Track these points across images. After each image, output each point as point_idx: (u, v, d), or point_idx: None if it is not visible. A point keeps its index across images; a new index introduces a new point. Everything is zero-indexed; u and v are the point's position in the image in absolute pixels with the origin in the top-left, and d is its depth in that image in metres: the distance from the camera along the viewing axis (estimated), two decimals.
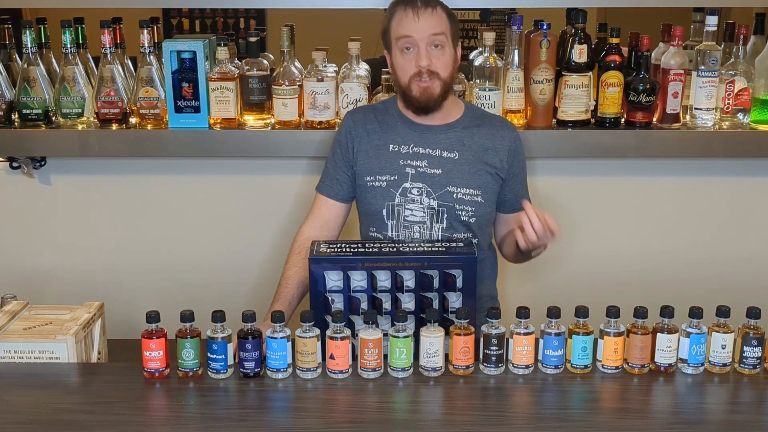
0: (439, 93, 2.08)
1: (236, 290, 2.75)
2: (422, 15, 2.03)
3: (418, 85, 2.07)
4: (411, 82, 2.07)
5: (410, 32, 2.04)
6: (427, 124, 2.16)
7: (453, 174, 2.13)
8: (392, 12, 2.09)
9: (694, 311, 1.84)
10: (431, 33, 2.04)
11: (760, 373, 1.87)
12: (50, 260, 2.75)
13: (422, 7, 2.04)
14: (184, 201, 2.73)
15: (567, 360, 1.87)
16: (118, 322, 2.24)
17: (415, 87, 2.08)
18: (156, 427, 1.72)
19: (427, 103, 2.09)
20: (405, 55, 2.07)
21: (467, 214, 2.13)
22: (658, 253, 2.75)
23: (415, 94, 2.08)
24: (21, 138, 2.53)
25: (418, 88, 2.08)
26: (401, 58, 2.08)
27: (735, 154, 2.56)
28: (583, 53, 2.44)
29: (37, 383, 1.83)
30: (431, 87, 2.07)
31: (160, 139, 2.51)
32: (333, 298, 1.94)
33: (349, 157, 2.19)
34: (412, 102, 2.11)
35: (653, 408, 1.78)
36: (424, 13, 2.04)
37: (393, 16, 2.08)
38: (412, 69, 2.06)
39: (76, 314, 1.98)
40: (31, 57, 2.47)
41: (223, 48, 2.44)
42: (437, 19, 2.05)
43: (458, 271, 1.91)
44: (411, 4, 2.05)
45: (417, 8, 2.04)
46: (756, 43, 2.56)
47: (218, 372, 1.84)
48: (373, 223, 2.18)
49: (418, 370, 1.85)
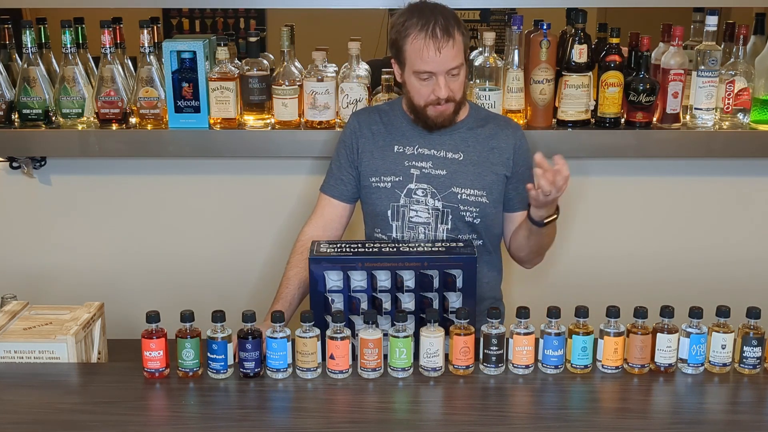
0: (453, 112, 2.10)
1: (236, 290, 2.75)
2: (443, 49, 1.99)
3: (435, 109, 2.07)
4: (427, 107, 2.08)
5: (430, 68, 2.01)
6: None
7: (458, 175, 2.13)
8: (407, 32, 2.02)
9: (694, 311, 1.84)
10: (451, 67, 2.02)
11: (760, 373, 1.87)
12: (50, 260, 2.75)
13: (443, 38, 1.98)
14: (184, 201, 2.73)
15: (567, 360, 1.87)
16: (118, 322, 2.24)
17: (432, 111, 2.08)
18: (156, 427, 1.72)
19: (443, 124, 2.11)
20: (422, 83, 2.05)
21: (472, 215, 2.13)
22: (658, 253, 2.75)
23: (431, 116, 2.09)
24: (21, 138, 2.53)
25: (434, 112, 2.08)
26: (417, 84, 2.06)
27: (735, 154, 2.56)
28: (583, 53, 2.44)
29: (37, 383, 1.83)
30: (447, 110, 2.08)
31: (160, 139, 2.51)
32: (333, 298, 1.94)
33: (353, 158, 2.19)
34: (426, 122, 2.11)
35: (653, 408, 1.78)
36: (445, 46, 1.99)
37: (408, 39, 2.02)
38: (428, 95, 2.05)
39: (76, 314, 1.98)
40: (31, 57, 2.47)
41: (223, 48, 2.44)
42: (456, 51, 2.01)
43: (458, 271, 1.91)
44: (431, 35, 1.98)
45: (437, 41, 1.98)
46: (756, 43, 2.56)
47: (218, 372, 1.84)
48: (378, 224, 2.18)
49: (418, 370, 1.85)
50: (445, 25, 2.00)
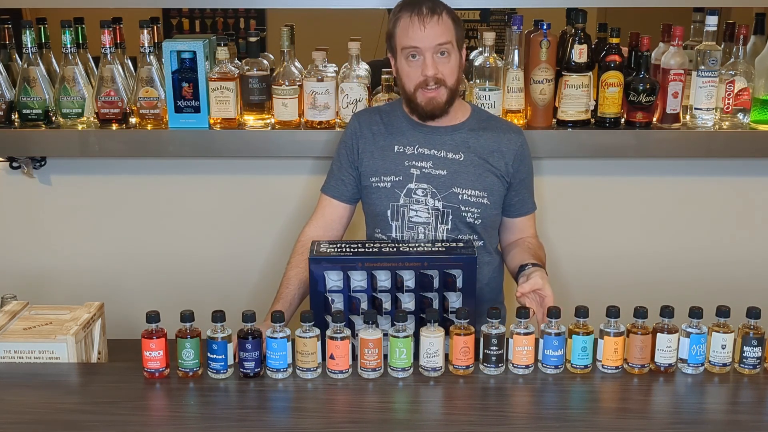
0: (446, 100, 2.08)
1: (236, 290, 2.75)
2: (428, 24, 2.01)
3: (423, 93, 2.07)
4: (417, 91, 2.07)
5: (416, 42, 2.02)
6: (432, 125, 2.15)
7: (458, 175, 2.13)
8: (397, 18, 2.07)
9: (694, 311, 1.84)
10: (437, 42, 2.02)
11: (760, 373, 1.87)
12: (50, 260, 2.75)
13: (428, 14, 2.01)
14: (184, 201, 2.73)
15: (567, 360, 1.87)
16: (118, 322, 2.24)
17: (421, 95, 2.07)
18: (156, 427, 1.72)
19: (433, 112, 2.10)
20: (410, 63, 2.06)
21: (473, 216, 2.13)
22: (658, 253, 2.75)
23: (421, 103, 2.08)
24: (21, 138, 2.53)
25: (423, 97, 2.07)
26: (407, 66, 2.07)
27: (735, 154, 2.56)
28: (583, 53, 2.44)
29: (37, 383, 1.83)
30: (437, 96, 2.07)
31: (160, 139, 2.51)
32: (333, 298, 1.94)
33: (354, 159, 2.19)
34: (417, 109, 2.11)
35: (653, 408, 1.78)
36: (430, 21, 2.01)
37: (398, 22, 2.06)
38: (417, 77, 2.05)
39: (76, 314, 1.98)
40: (31, 57, 2.47)
41: (223, 48, 2.44)
42: (443, 27, 2.03)
43: (458, 271, 1.91)
44: (417, 12, 2.02)
45: (423, 16, 2.01)
46: (756, 43, 2.56)
47: (218, 372, 1.84)
48: (378, 224, 2.18)
49: (418, 370, 1.85)
50: (433, 6, 2.03)
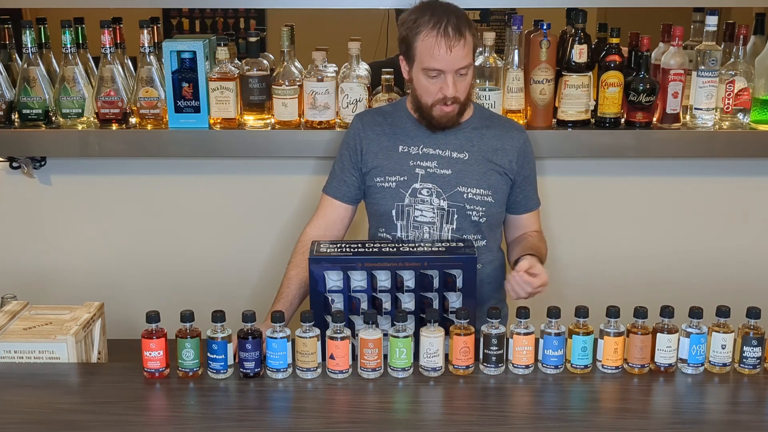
0: (457, 114, 2.10)
1: (236, 290, 2.75)
2: (454, 48, 1.99)
3: (441, 109, 2.08)
4: (434, 106, 2.08)
5: (440, 66, 2.01)
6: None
7: (463, 174, 2.13)
8: (418, 29, 2.02)
9: (694, 311, 1.84)
10: (460, 66, 2.02)
11: (760, 373, 1.87)
12: (50, 260, 2.75)
13: (454, 37, 1.99)
14: (184, 201, 2.73)
15: (567, 360, 1.87)
16: (118, 322, 2.24)
17: (438, 111, 2.08)
18: (156, 427, 1.72)
19: (446, 125, 2.11)
20: (430, 80, 2.05)
21: (478, 215, 2.13)
22: (658, 253, 2.75)
23: (436, 116, 2.09)
24: (21, 138, 2.53)
25: (440, 112, 2.08)
26: (425, 81, 2.06)
27: (735, 154, 2.56)
28: (583, 53, 2.44)
29: (37, 383, 1.83)
30: (452, 112, 2.08)
31: (160, 139, 2.51)
32: (333, 298, 1.94)
33: (356, 159, 2.19)
34: (431, 121, 2.11)
35: (653, 408, 1.78)
36: (456, 45, 1.99)
37: (419, 35, 2.02)
38: (436, 94, 2.06)
39: (76, 314, 1.98)
40: (31, 57, 2.47)
41: (223, 48, 2.44)
42: (467, 50, 2.02)
43: (458, 271, 1.91)
44: (443, 34, 1.99)
45: (449, 39, 1.98)
46: (756, 43, 2.56)
47: (218, 372, 1.84)
48: (383, 224, 2.18)
49: (418, 370, 1.85)
50: (457, 24, 2.00)
